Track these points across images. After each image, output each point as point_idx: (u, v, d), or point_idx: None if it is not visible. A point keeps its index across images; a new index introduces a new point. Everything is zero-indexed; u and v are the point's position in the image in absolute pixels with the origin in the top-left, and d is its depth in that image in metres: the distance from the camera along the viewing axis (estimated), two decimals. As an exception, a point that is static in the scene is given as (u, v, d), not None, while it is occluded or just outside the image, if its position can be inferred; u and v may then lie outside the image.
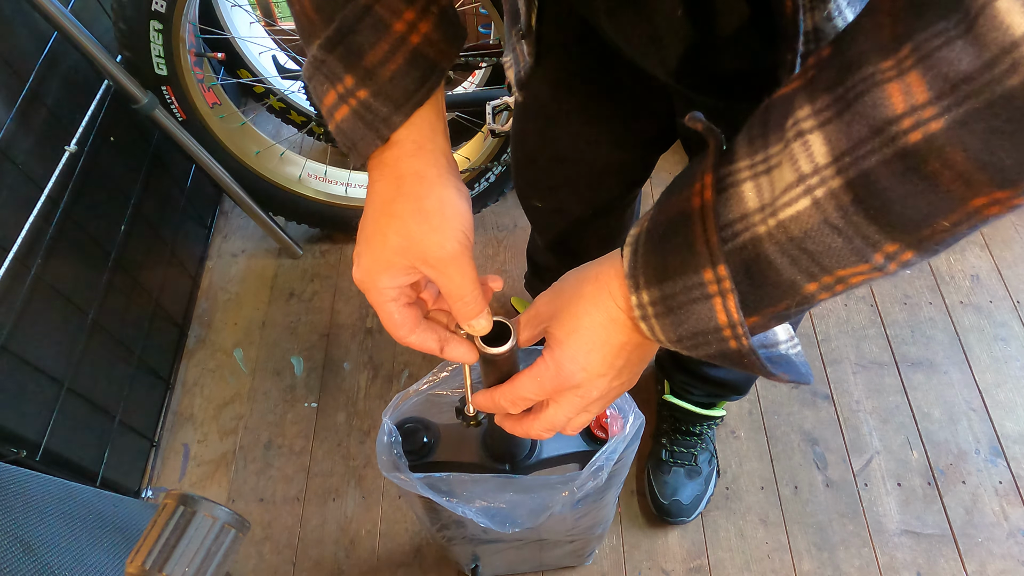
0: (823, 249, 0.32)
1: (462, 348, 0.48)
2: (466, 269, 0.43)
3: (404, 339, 0.47)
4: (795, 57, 0.46)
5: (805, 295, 0.34)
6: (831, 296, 0.35)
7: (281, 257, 1.60)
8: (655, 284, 0.37)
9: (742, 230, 0.34)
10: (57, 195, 1.10)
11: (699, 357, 0.39)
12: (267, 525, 1.27)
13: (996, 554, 1.19)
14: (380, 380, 1.43)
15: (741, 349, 0.36)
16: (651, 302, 0.38)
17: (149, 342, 1.35)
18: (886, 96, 0.28)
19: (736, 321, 0.35)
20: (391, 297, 0.45)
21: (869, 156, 0.29)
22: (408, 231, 0.43)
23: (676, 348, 0.39)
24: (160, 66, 1.20)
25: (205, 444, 1.37)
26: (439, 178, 0.44)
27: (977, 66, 0.25)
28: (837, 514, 1.24)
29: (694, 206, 0.35)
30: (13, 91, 1.04)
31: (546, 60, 0.68)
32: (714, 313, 0.36)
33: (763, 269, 0.34)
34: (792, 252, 0.33)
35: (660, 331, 0.38)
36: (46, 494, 0.74)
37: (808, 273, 0.33)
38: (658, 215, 0.38)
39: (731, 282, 0.35)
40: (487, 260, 1.58)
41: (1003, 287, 1.48)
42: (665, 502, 1.20)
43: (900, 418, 1.33)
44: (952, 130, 0.26)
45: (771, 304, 0.36)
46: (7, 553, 0.63)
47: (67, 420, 1.10)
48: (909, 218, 0.29)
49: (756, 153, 0.34)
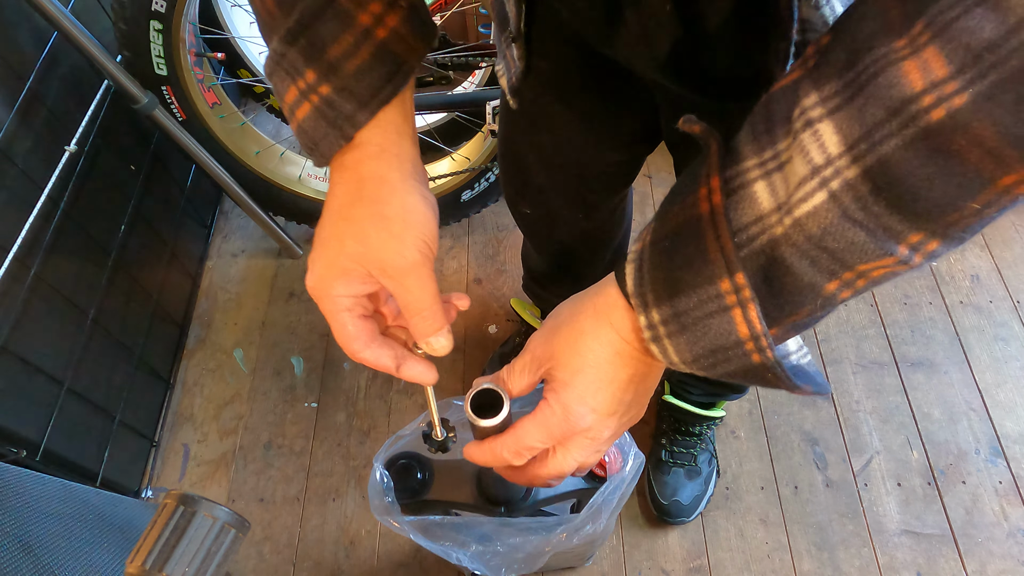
0: (844, 245, 0.30)
1: (419, 367, 0.45)
2: (426, 281, 0.41)
3: (357, 354, 0.43)
4: (789, 46, 0.45)
5: (826, 296, 0.32)
6: (853, 294, 0.33)
7: (281, 257, 1.60)
8: (666, 300, 0.34)
9: (758, 233, 0.32)
10: (57, 195, 1.10)
11: (717, 377, 0.36)
12: (267, 525, 1.27)
13: (996, 554, 1.19)
14: (380, 380, 1.43)
15: (766, 362, 0.33)
16: (662, 320, 0.35)
17: (149, 342, 1.35)
18: (902, 74, 0.26)
19: (759, 332, 0.33)
20: (345, 307, 0.42)
21: (887, 140, 0.27)
22: (366, 237, 0.40)
23: (692, 369, 0.36)
24: (160, 66, 1.20)
25: (205, 444, 1.36)
26: (402, 183, 0.41)
27: (1001, 32, 0.23)
28: (837, 514, 1.24)
29: (702, 212, 0.33)
30: (13, 91, 1.04)
31: (535, 64, 0.67)
32: (734, 326, 0.33)
33: (782, 274, 0.32)
34: (812, 252, 0.31)
35: (674, 351, 0.35)
36: (46, 494, 0.74)
37: (829, 271, 0.31)
38: (661, 226, 0.35)
39: (751, 291, 0.32)
40: (487, 260, 1.58)
41: (1003, 287, 1.48)
42: (665, 502, 1.20)
43: (900, 418, 1.33)
44: (978, 103, 0.24)
45: (793, 311, 0.33)
46: (7, 553, 0.63)
47: (67, 420, 1.10)
48: (935, 203, 0.27)
49: (764, 150, 0.32)
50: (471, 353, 1.44)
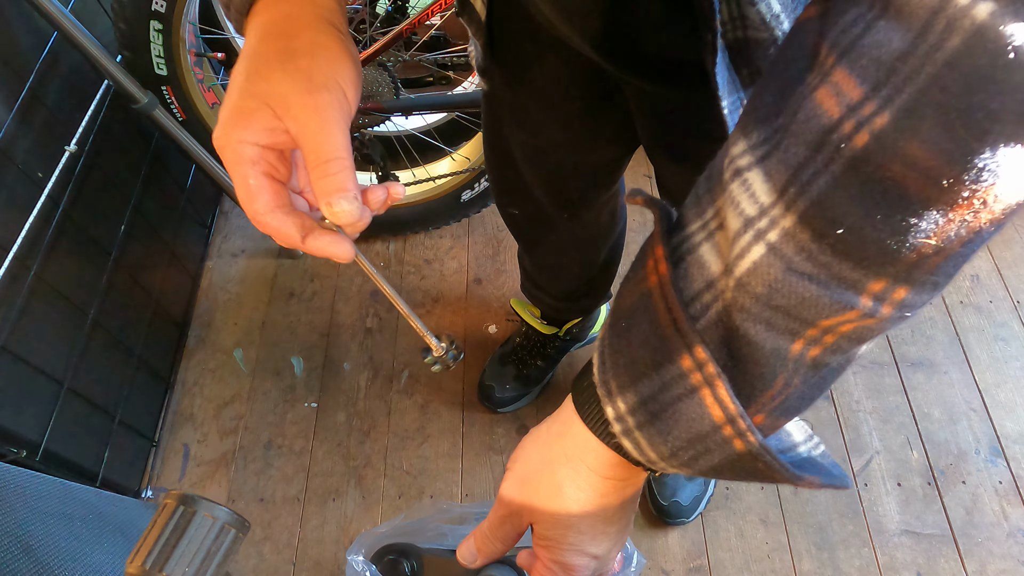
0: (795, 302, 0.26)
1: (327, 238, 0.39)
2: (332, 126, 0.36)
3: (259, 216, 0.38)
4: (715, 37, 0.43)
5: (794, 358, 0.29)
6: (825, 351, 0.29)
7: (281, 257, 1.60)
8: (629, 387, 0.31)
9: (711, 301, 0.29)
10: (57, 195, 1.10)
11: (706, 475, 0.32)
12: (267, 525, 1.27)
13: (996, 554, 1.19)
14: (380, 380, 1.43)
15: (751, 449, 0.29)
16: (629, 410, 0.31)
17: (149, 342, 1.35)
18: (817, 104, 0.24)
19: (734, 413, 0.29)
20: (248, 157, 0.37)
21: (816, 179, 0.24)
22: (270, 72, 0.36)
23: (673, 466, 0.32)
24: (160, 66, 1.20)
25: (205, 444, 1.36)
26: (315, 22, 0.38)
27: (909, 40, 0.21)
28: (837, 514, 1.24)
29: (651, 286, 0.30)
30: (13, 91, 1.04)
31: (499, 49, 0.66)
32: (705, 408, 0.29)
33: (741, 345, 0.29)
34: (764, 314, 0.27)
35: (648, 445, 0.32)
36: (46, 494, 0.74)
37: (788, 331, 0.28)
38: (617, 307, 0.33)
39: (714, 366, 0.29)
40: (487, 260, 1.58)
41: (1003, 287, 1.48)
42: (664, 503, 1.20)
43: (900, 418, 1.33)
44: (900, 121, 0.22)
45: (765, 385, 0.29)
46: (7, 553, 0.63)
47: (67, 420, 1.10)
48: (884, 244, 0.24)
49: (705, 210, 0.29)
50: (471, 353, 1.44)
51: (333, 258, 0.39)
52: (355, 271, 1.57)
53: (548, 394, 1.39)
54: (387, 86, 1.25)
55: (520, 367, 1.34)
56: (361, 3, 1.25)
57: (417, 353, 1.45)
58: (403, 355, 1.46)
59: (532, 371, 1.34)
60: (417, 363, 1.45)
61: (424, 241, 1.62)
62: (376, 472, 1.32)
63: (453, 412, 1.38)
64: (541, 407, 1.37)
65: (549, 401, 1.38)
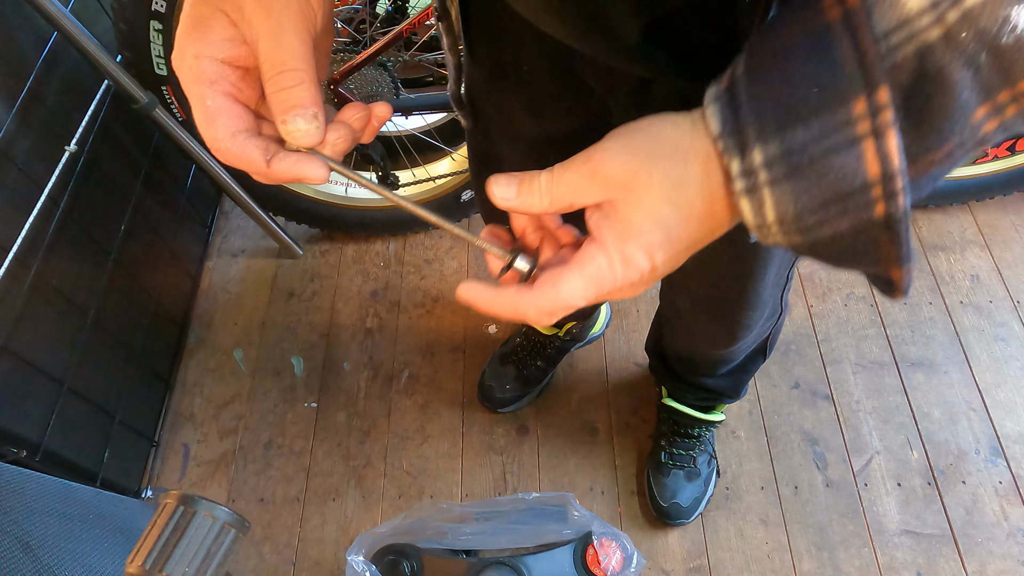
0: (1019, 48, 0.23)
1: (292, 158, 0.35)
2: (288, 33, 0.32)
3: (217, 142, 0.34)
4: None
5: (973, 124, 0.26)
6: (998, 127, 0.26)
7: (281, 257, 1.60)
8: (774, 134, 0.27)
9: (901, 42, 0.25)
10: (57, 195, 1.10)
11: (808, 247, 0.28)
12: (267, 525, 1.27)
13: (996, 554, 1.19)
14: (380, 380, 1.43)
15: (894, 213, 0.26)
16: (766, 162, 0.27)
17: (149, 342, 1.35)
18: None
19: (895, 170, 0.25)
20: (206, 75, 0.33)
21: None
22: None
23: (781, 233, 0.28)
24: (160, 66, 1.20)
25: (205, 444, 1.37)
26: None
27: None
28: (837, 514, 1.24)
29: (831, 19, 0.26)
30: (13, 91, 1.04)
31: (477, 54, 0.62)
32: (863, 163, 0.25)
33: (932, 92, 0.25)
34: (978, 58, 0.24)
35: (773, 205, 0.28)
36: (46, 494, 0.74)
37: (986, 88, 0.24)
38: (762, 49, 0.28)
39: (893, 113, 0.25)
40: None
41: (1003, 287, 1.48)
42: (664, 504, 1.20)
43: (900, 418, 1.33)
44: None
45: (935, 145, 0.26)
46: (7, 553, 0.63)
47: (67, 420, 1.10)
48: None
49: None
50: (471, 353, 1.44)
51: (304, 180, 0.35)
52: (355, 271, 1.57)
53: (548, 394, 1.39)
54: (387, 86, 1.25)
55: (520, 367, 1.34)
56: (361, 3, 1.25)
57: (417, 353, 1.45)
58: (403, 355, 1.46)
59: (532, 371, 1.34)
60: (417, 363, 1.44)
61: (424, 241, 1.62)
62: (376, 472, 1.32)
63: (453, 412, 1.38)
64: (541, 407, 1.37)
65: (549, 401, 1.38)
